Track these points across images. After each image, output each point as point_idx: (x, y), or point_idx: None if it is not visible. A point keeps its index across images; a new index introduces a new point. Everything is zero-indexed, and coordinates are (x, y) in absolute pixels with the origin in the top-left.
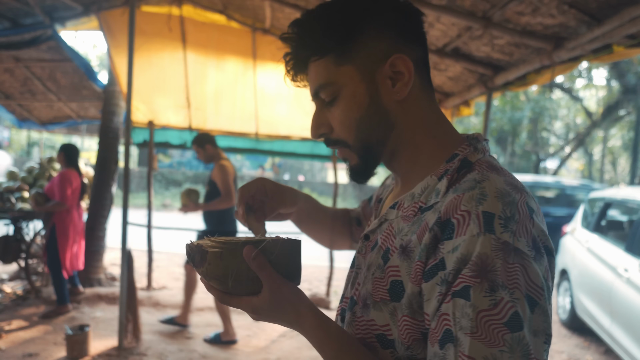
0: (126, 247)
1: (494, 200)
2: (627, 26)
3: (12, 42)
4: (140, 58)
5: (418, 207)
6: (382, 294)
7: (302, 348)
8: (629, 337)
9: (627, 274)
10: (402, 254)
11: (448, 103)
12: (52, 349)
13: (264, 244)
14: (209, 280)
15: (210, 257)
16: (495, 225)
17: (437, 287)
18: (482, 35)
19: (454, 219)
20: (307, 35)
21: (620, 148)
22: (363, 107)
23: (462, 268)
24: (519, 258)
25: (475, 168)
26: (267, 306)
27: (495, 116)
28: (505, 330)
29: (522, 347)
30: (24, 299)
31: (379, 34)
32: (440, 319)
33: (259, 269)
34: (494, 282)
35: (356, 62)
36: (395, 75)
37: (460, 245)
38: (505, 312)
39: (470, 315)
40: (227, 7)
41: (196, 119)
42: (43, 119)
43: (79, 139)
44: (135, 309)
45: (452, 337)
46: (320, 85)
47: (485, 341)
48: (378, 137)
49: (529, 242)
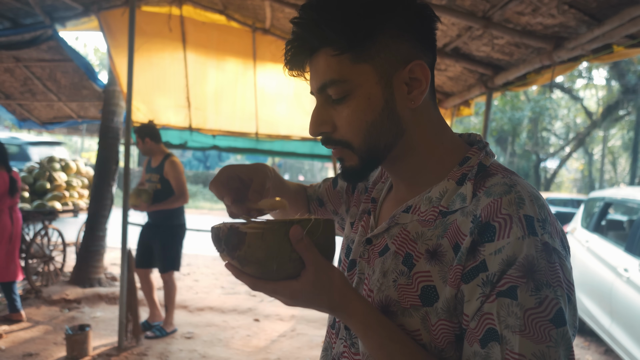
0: (126, 247)
1: (530, 204)
2: (627, 26)
3: (12, 42)
4: (141, 58)
5: (438, 211)
6: (412, 300)
7: (302, 348)
8: (629, 337)
9: (627, 274)
10: (432, 259)
11: (448, 103)
12: (52, 349)
13: (311, 224)
14: (245, 265)
15: (250, 238)
16: (536, 227)
17: (479, 288)
18: (482, 35)
19: (495, 222)
20: (326, 24)
21: (620, 148)
22: (377, 110)
23: (507, 269)
24: (557, 257)
25: (496, 172)
26: (309, 289)
27: (495, 116)
28: (551, 326)
29: (565, 341)
30: (24, 298)
31: (399, 35)
32: (482, 318)
33: (304, 250)
34: (539, 282)
35: (375, 62)
36: (411, 82)
37: (504, 247)
38: (550, 309)
39: (518, 314)
40: (227, 7)
41: (196, 119)
42: (43, 119)
43: (79, 139)
44: (135, 309)
45: (496, 336)
46: (331, 80)
47: (533, 338)
48: (387, 142)
49: (560, 242)
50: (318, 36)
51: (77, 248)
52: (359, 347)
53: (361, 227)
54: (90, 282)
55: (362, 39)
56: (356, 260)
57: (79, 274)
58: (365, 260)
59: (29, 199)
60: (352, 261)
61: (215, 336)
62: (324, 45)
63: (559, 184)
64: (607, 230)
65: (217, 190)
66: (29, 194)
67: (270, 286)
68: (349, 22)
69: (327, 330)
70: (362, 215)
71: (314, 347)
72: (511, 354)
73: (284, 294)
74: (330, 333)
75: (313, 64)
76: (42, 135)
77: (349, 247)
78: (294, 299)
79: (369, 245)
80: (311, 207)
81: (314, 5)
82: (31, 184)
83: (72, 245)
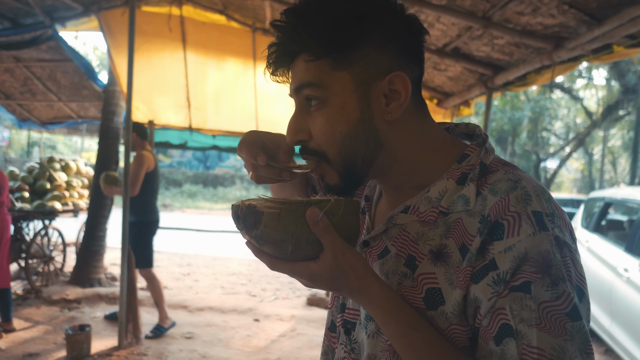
0: (126, 247)
1: (537, 199)
2: (627, 26)
3: (12, 42)
4: (141, 58)
5: (439, 212)
6: (416, 303)
7: (302, 348)
8: (629, 337)
9: (627, 274)
10: (437, 260)
11: (448, 103)
12: (52, 349)
13: (329, 205)
14: (263, 244)
15: (266, 218)
16: (546, 222)
17: (489, 287)
18: (482, 35)
19: (504, 220)
20: (306, 30)
21: (620, 148)
22: (352, 121)
23: (521, 265)
24: (569, 251)
25: (496, 168)
26: (327, 272)
27: (495, 116)
28: (567, 319)
29: (581, 335)
30: (24, 298)
31: (382, 46)
32: (494, 314)
33: (322, 233)
34: (555, 277)
35: (353, 70)
36: (390, 94)
37: (515, 245)
38: (567, 303)
39: (533, 307)
40: (227, 7)
41: (196, 119)
42: (43, 119)
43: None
44: (135, 309)
45: (510, 331)
46: (308, 82)
47: (550, 332)
48: (364, 156)
49: (569, 235)
50: (297, 41)
51: (77, 248)
52: (359, 352)
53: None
54: (90, 282)
55: (341, 46)
56: None
57: (79, 274)
58: None
59: (29, 199)
60: None
61: (215, 336)
62: (302, 50)
63: (559, 184)
64: (607, 230)
65: (250, 151)
66: (29, 194)
67: (288, 266)
68: (328, 28)
69: (325, 333)
70: None
71: (314, 347)
72: (529, 348)
73: (302, 275)
74: (330, 336)
75: (293, 68)
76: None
77: None
78: (313, 280)
79: (367, 248)
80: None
81: (295, 10)
82: (31, 184)
83: (72, 245)
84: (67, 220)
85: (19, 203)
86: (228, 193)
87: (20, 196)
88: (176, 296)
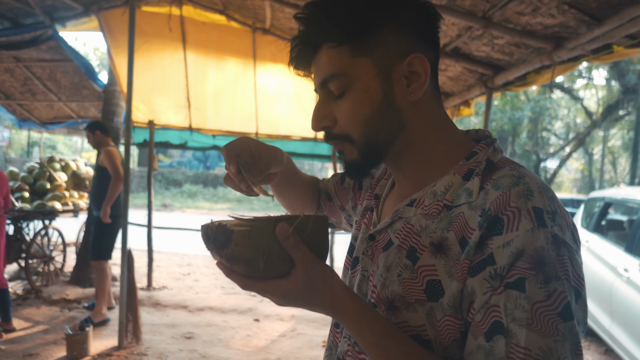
0: (126, 247)
1: (539, 196)
2: (627, 26)
3: (12, 42)
4: (141, 58)
5: (443, 205)
6: (417, 294)
7: (302, 348)
8: (629, 337)
9: (627, 274)
10: (437, 252)
11: (448, 103)
12: (52, 349)
13: (298, 221)
14: (234, 264)
15: (237, 236)
16: (545, 219)
17: (486, 282)
18: (482, 35)
19: (504, 215)
20: (327, 18)
21: (620, 148)
22: (375, 103)
23: (516, 261)
24: (567, 250)
25: (503, 165)
26: (300, 288)
27: (495, 116)
28: (559, 320)
29: (572, 336)
30: (24, 298)
31: (400, 30)
32: (488, 311)
33: (292, 248)
34: (548, 274)
35: (373, 56)
36: (411, 75)
37: (513, 240)
38: (559, 303)
39: (526, 307)
40: (227, 7)
41: (196, 118)
42: (43, 119)
43: (79, 139)
44: (136, 309)
45: (502, 329)
46: (331, 74)
47: (540, 332)
48: (387, 136)
49: (571, 235)
50: (319, 30)
51: (77, 248)
52: None
53: (364, 224)
54: (90, 282)
55: (360, 32)
56: (359, 258)
57: (79, 274)
58: (369, 257)
59: (29, 199)
60: (355, 259)
61: (215, 336)
62: (325, 40)
63: (559, 184)
64: (607, 230)
65: (228, 156)
66: (29, 194)
67: (260, 285)
68: (349, 15)
69: (330, 329)
70: (365, 212)
71: (314, 347)
72: (516, 348)
73: (274, 293)
74: (334, 332)
75: (316, 61)
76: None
77: (352, 245)
78: (285, 298)
79: (372, 242)
80: (321, 201)
81: (316, 2)
82: (31, 184)
83: (72, 245)
84: (67, 220)
85: (19, 203)
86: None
87: (20, 196)
88: (176, 296)
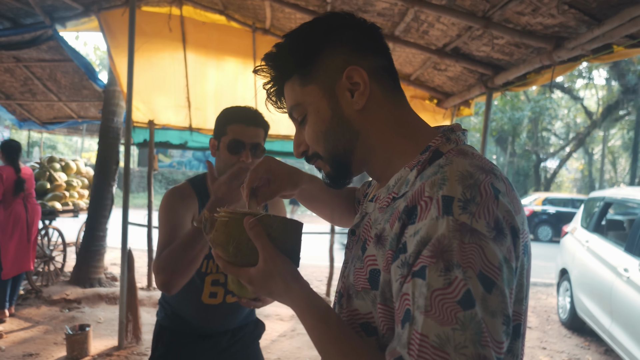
0: (126, 247)
1: (454, 184)
2: (627, 26)
3: (13, 42)
4: (141, 58)
5: (392, 198)
6: (363, 283)
7: (302, 348)
8: (629, 337)
9: (627, 274)
10: (377, 243)
11: (448, 103)
12: (52, 349)
13: (262, 215)
14: (215, 247)
15: (217, 224)
16: (454, 208)
17: (399, 270)
18: (482, 35)
19: (419, 204)
20: (275, 62)
21: (620, 148)
22: (326, 120)
23: (422, 250)
24: (476, 238)
25: (448, 155)
26: (260, 276)
27: (495, 116)
28: (458, 308)
29: (474, 325)
30: (24, 298)
31: (335, 51)
32: (402, 299)
33: (255, 237)
34: (449, 262)
35: (318, 81)
36: (353, 87)
37: (421, 228)
38: (458, 291)
39: (426, 294)
40: (227, 7)
41: (196, 118)
42: (43, 119)
43: (79, 139)
44: (136, 309)
45: (409, 316)
46: (291, 106)
47: (438, 319)
48: (345, 147)
49: (489, 223)
50: (274, 74)
51: (77, 248)
52: None
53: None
54: (91, 282)
55: (302, 64)
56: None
57: (79, 274)
58: (349, 250)
59: None
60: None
61: None
62: (281, 78)
63: (559, 184)
64: (607, 230)
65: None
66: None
67: (234, 270)
68: (290, 54)
69: None
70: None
71: (314, 347)
72: (415, 334)
73: (243, 279)
74: None
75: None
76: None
77: None
78: (252, 284)
79: (353, 236)
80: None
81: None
82: None
83: (72, 245)
84: (67, 220)
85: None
86: None
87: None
88: None
